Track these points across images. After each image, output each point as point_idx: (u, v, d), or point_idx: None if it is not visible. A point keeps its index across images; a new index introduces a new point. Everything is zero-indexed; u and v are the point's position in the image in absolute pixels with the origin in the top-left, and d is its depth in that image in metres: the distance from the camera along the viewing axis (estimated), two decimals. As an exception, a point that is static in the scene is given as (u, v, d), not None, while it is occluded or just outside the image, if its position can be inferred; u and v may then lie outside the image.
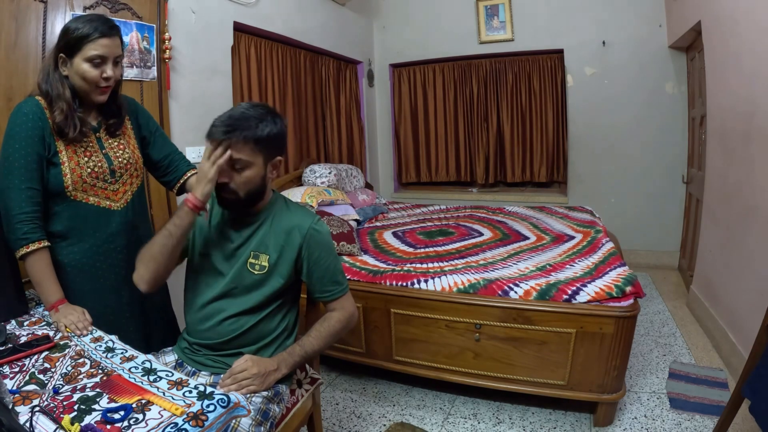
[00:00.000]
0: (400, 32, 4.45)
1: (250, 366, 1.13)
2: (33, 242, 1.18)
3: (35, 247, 1.18)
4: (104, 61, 1.20)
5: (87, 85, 1.21)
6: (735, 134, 2.28)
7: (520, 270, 2.05)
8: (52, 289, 1.20)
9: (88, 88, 1.22)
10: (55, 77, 1.20)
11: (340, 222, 2.51)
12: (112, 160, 1.32)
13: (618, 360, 1.75)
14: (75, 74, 1.20)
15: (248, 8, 2.76)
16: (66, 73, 1.21)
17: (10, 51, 1.57)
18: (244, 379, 1.11)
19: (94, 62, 1.19)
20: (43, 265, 1.20)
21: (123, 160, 1.35)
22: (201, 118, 2.42)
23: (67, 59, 1.20)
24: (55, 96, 1.19)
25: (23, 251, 1.17)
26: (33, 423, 0.76)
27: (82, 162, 1.26)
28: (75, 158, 1.25)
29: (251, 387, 1.12)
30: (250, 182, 1.16)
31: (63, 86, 1.20)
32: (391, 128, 4.72)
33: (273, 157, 1.19)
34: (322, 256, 1.24)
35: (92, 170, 1.27)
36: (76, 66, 1.19)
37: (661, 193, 3.74)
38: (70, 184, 1.24)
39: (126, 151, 1.36)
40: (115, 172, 1.32)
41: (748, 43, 2.07)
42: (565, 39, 3.87)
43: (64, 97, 1.19)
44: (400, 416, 1.98)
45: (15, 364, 0.98)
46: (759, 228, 2.00)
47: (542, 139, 4.18)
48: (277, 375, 1.18)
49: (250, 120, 1.13)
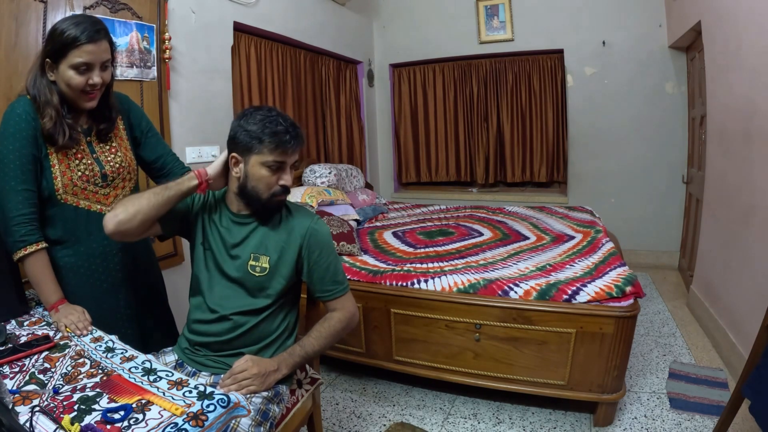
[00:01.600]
0: (400, 32, 4.45)
1: (250, 366, 1.13)
2: (31, 244, 1.17)
3: (33, 249, 1.17)
4: (90, 68, 1.17)
5: (73, 92, 1.19)
6: (735, 134, 2.28)
7: (520, 270, 2.05)
8: (52, 289, 1.20)
9: (74, 96, 1.20)
10: (42, 83, 1.17)
11: (340, 222, 2.51)
12: (103, 164, 1.30)
13: (618, 360, 1.75)
14: (61, 80, 1.18)
15: (248, 8, 2.77)
16: (53, 79, 1.18)
17: (10, 51, 1.57)
18: (244, 380, 1.11)
19: (80, 69, 1.16)
20: (41, 266, 1.19)
21: (115, 164, 1.32)
22: (201, 118, 2.43)
23: (53, 64, 1.17)
24: (43, 102, 1.17)
25: (21, 254, 1.16)
26: (33, 423, 0.76)
27: (72, 165, 1.24)
28: (65, 161, 1.23)
29: (251, 387, 1.12)
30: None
31: (51, 92, 1.18)
32: (391, 128, 4.72)
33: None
34: (322, 256, 1.24)
35: (83, 173, 1.25)
36: (62, 72, 1.16)
37: (661, 193, 3.74)
38: (61, 187, 1.22)
39: (118, 155, 1.34)
40: (107, 176, 1.30)
41: (748, 43, 2.07)
42: (565, 39, 3.87)
43: (52, 103, 1.17)
44: (400, 416, 1.98)
45: (15, 364, 0.98)
46: (759, 228, 2.00)
47: (542, 139, 4.18)
48: (278, 375, 1.18)
49: (298, 128, 1.20)
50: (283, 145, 1.14)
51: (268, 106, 1.25)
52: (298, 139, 1.17)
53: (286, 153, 1.16)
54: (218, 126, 2.48)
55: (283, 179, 1.18)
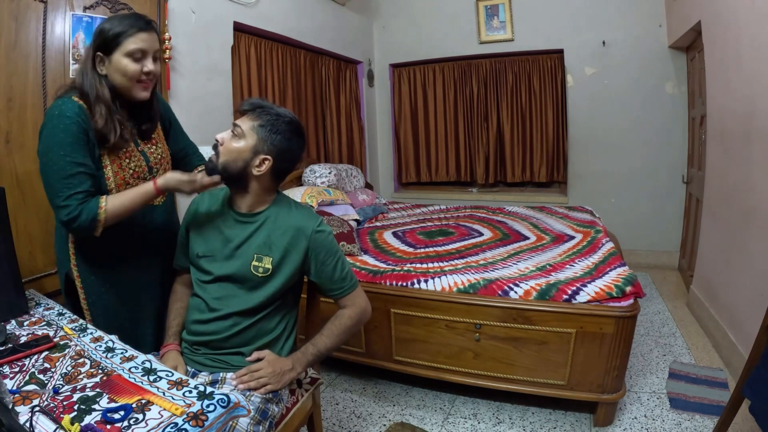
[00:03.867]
0: (400, 32, 4.45)
1: (266, 366, 1.16)
2: (98, 198, 1.13)
3: (103, 201, 1.13)
4: (144, 56, 1.17)
5: (128, 81, 1.17)
6: (735, 134, 2.28)
7: (520, 270, 2.05)
8: (141, 192, 1.19)
9: (129, 85, 1.18)
10: (94, 77, 1.16)
11: (340, 222, 2.51)
12: (148, 157, 1.31)
13: (618, 360, 1.75)
14: (115, 71, 1.16)
15: (248, 8, 2.77)
16: (104, 72, 1.17)
17: (10, 51, 1.57)
18: (261, 377, 1.14)
19: (135, 56, 1.15)
20: (119, 197, 1.16)
21: (157, 155, 1.34)
22: (201, 118, 2.43)
23: (104, 57, 1.16)
24: (95, 98, 1.15)
25: (102, 213, 1.11)
26: (33, 423, 0.76)
27: (124, 164, 1.24)
28: (117, 161, 1.22)
29: (269, 386, 1.14)
30: (230, 154, 1.16)
31: (102, 86, 1.16)
32: (391, 128, 4.72)
33: (263, 149, 1.16)
34: (328, 257, 1.25)
35: (134, 171, 1.26)
36: (116, 62, 1.15)
37: (661, 193, 3.74)
38: (114, 187, 1.21)
39: (159, 146, 1.36)
40: (152, 169, 1.32)
41: (748, 43, 2.07)
42: (565, 39, 3.87)
43: (104, 98, 1.15)
44: (400, 416, 1.98)
45: (15, 364, 0.98)
46: (759, 228, 2.00)
47: (542, 139, 4.18)
48: (293, 374, 1.20)
49: (272, 109, 1.18)
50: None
51: None
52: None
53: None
54: (218, 126, 2.44)
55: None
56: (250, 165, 1.17)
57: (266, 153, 1.16)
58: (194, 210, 1.32)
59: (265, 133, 1.16)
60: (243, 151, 1.15)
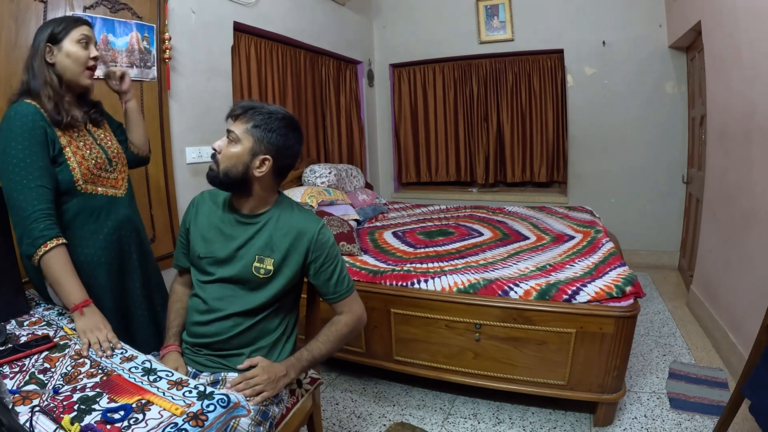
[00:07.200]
0: (400, 32, 4.45)
1: (260, 373, 1.15)
2: (51, 239, 1.14)
3: (53, 244, 1.14)
4: (90, 42, 1.27)
5: (79, 66, 1.25)
6: (735, 134, 2.28)
7: (520, 270, 2.05)
8: (75, 287, 1.16)
9: (78, 71, 1.25)
10: (42, 66, 1.22)
11: (340, 222, 2.51)
12: (106, 150, 1.36)
13: (618, 360, 1.75)
14: (64, 57, 1.23)
15: (248, 8, 2.77)
16: (53, 61, 1.23)
17: (10, 51, 1.57)
18: (256, 384, 1.13)
19: (82, 42, 1.25)
20: (63, 263, 1.16)
21: (114, 149, 1.40)
22: (201, 118, 2.43)
23: (53, 47, 1.22)
24: (42, 83, 1.21)
25: (42, 251, 1.13)
26: (33, 423, 0.76)
27: (87, 154, 1.28)
28: (79, 152, 1.27)
29: (265, 393, 1.13)
30: (229, 159, 1.16)
31: (49, 72, 1.22)
32: (391, 128, 4.72)
33: (261, 150, 1.16)
34: (327, 261, 1.25)
35: (96, 161, 1.31)
36: (66, 49, 1.23)
37: (661, 193, 3.74)
38: (80, 177, 1.26)
39: (113, 140, 1.42)
40: (111, 161, 1.37)
41: (748, 43, 2.07)
42: (565, 39, 3.87)
43: (51, 83, 1.22)
44: (400, 416, 1.98)
45: (15, 364, 0.98)
46: (759, 228, 2.00)
47: (542, 139, 4.18)
48: (287, 380, 1.19)
49: (263, 108, 1.18)
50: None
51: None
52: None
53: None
54: (218, 126, 2.47)
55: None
56: (251, 167, 1.16)
57: (265, 153, 1.16)
58: (195, 210, 1.32)
59: (260, 133, 1.15)
60: (241, 155, 1.15)
